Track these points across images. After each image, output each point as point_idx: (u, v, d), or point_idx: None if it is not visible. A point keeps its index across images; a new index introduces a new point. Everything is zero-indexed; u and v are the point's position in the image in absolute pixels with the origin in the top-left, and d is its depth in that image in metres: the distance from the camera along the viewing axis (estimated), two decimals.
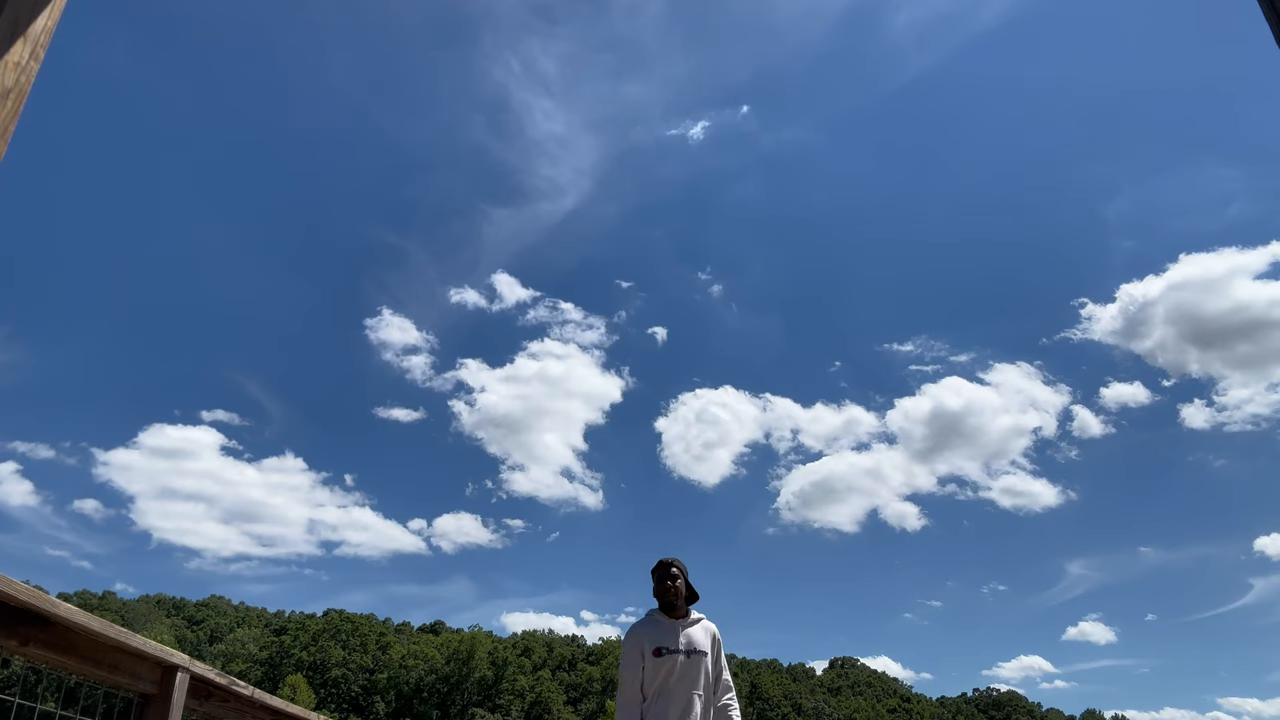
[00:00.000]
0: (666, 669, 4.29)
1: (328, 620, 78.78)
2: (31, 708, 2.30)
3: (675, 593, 4.49)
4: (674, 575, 4.53)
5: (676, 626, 4.44)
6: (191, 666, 2.70)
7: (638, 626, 4.50)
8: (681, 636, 4.41)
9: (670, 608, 4.48)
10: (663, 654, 4.34)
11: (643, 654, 4.38)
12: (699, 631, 4.48)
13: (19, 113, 1.27)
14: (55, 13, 1.34)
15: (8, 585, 1.86)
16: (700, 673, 4.35)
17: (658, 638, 4.40)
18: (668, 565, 4.57)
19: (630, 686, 4.35)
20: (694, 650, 4.36)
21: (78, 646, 2.19)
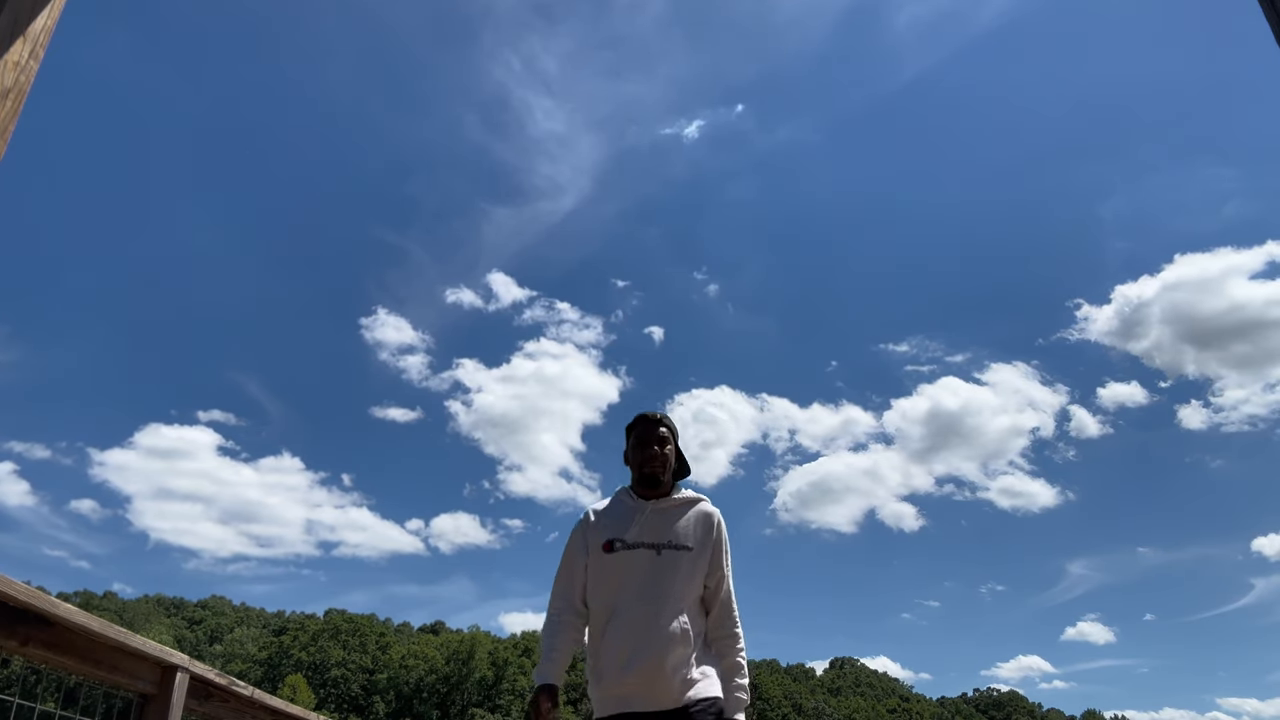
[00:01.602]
0: (621, 572, 2.73)
1: (327, 620, 78.75)
2: (31, 708, 2.30)
3: (660, 462, 2.88)
4: (661, 437, 2.93)
5: (646, 509, 2.83)
6: (191, 667, 2.70)
7: (594, 508, 2.94)
8: (653, 523, 2.81)
9: (649, 483, 2.87)
10: (616, 548, 2.76)
11: (587, 547, 2.84)
12: (686, 517, 2.85)
13: (19, 112, 1.27)
14: (55, 12, 1.34)
15: (7, 585, 1.85)
16: (680, 581, 2.72)
17: (614, 524, 2.82)
18: (653, 422, 2.96)
19: (556, 600, 2.84)
20: (672, 544, 2.77)
21: (77, 646, 2.19)
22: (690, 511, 2.87)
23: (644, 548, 2.76)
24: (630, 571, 2.73)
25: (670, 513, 2.85)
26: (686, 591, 2.74)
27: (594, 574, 2.80)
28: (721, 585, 2.84)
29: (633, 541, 2.76)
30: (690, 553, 2.78)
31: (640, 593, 2.70)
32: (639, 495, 2.89)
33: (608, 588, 2.75)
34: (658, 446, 2.90)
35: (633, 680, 2.63)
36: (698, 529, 2.84)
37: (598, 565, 2.78)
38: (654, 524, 2.81)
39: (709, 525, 2.87)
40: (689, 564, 2.76)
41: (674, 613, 2.68)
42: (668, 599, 2.69)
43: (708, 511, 2.90)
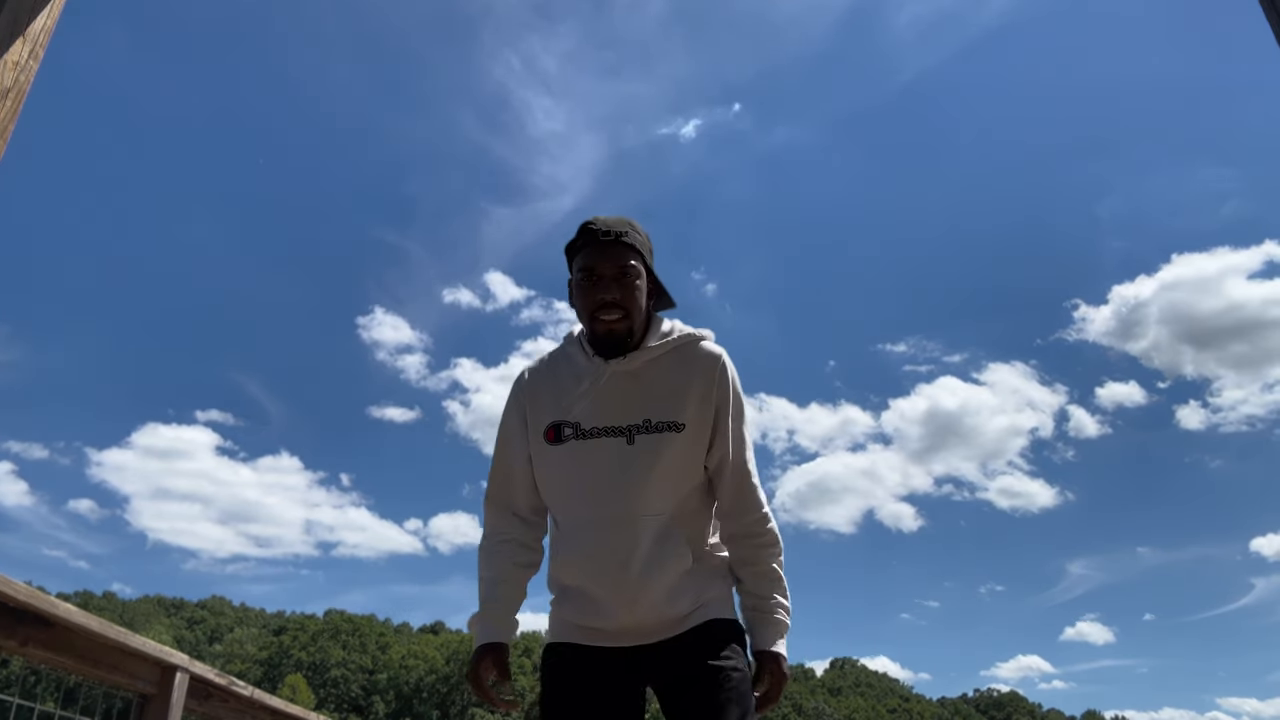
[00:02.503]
0: (574, 472, 1.85)
1: (327, 620, 78.71)
2: (31, 708, 2.30)
3: (620, 308, 1.83)
4: (620, 267, 1.84)
5: (605, 373, 1.86)
6: (191, 667, 2.69)
7: (531, 368, 2.01)
8: (618, 393, 1.86)
9: (609, 344, 1.85)
10: (565, 437, 1.86)
11: (526, 429, 1.93)
12: (671, 375, 1.87)
13: (18, 112, 1.27)
14: (54, 12, 1.34)
15: (7, 585, 1.85)
16: (667, 477, 1.82)
17: (560, 396, 1.90)
18: (605, 242, 1.85)
19: (491, 511, 1.99)
20: (651, 423, 1.83)
21: (77, 646, 2.19)
22: (677, 364, 1.84)
23: (607, 434, 1.81)
24: (588, 471, 1.81)
25: (645, 373, 1.83)
26: (678, 488, 1.82)
27: (539, 472, 1.90)
28: (729, 462, 1.86)
29: (588, 426, 1.82)
30: (681, 433, 1.79)
31: (606, 500, 1.79)
32: (597, 351, 1.86)
33: (558, 493, 1.88)
34: (615, 283, 1.79)
35: (604, 621, 1.83)
36: (691, 390, 1.82)
37: (542, 460, 1.87)
38: (620, 394, 1.82)
39: (708, 379, 1.83)
40: (681, 449, 1.80)
41: (660, 525, 1.79)
42: (648, 506, 1.79)
43: (706, 356, 1.85)
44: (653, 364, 1.88)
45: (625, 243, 1.86)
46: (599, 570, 1.83)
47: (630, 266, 1.85)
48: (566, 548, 1.89)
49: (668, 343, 1.88)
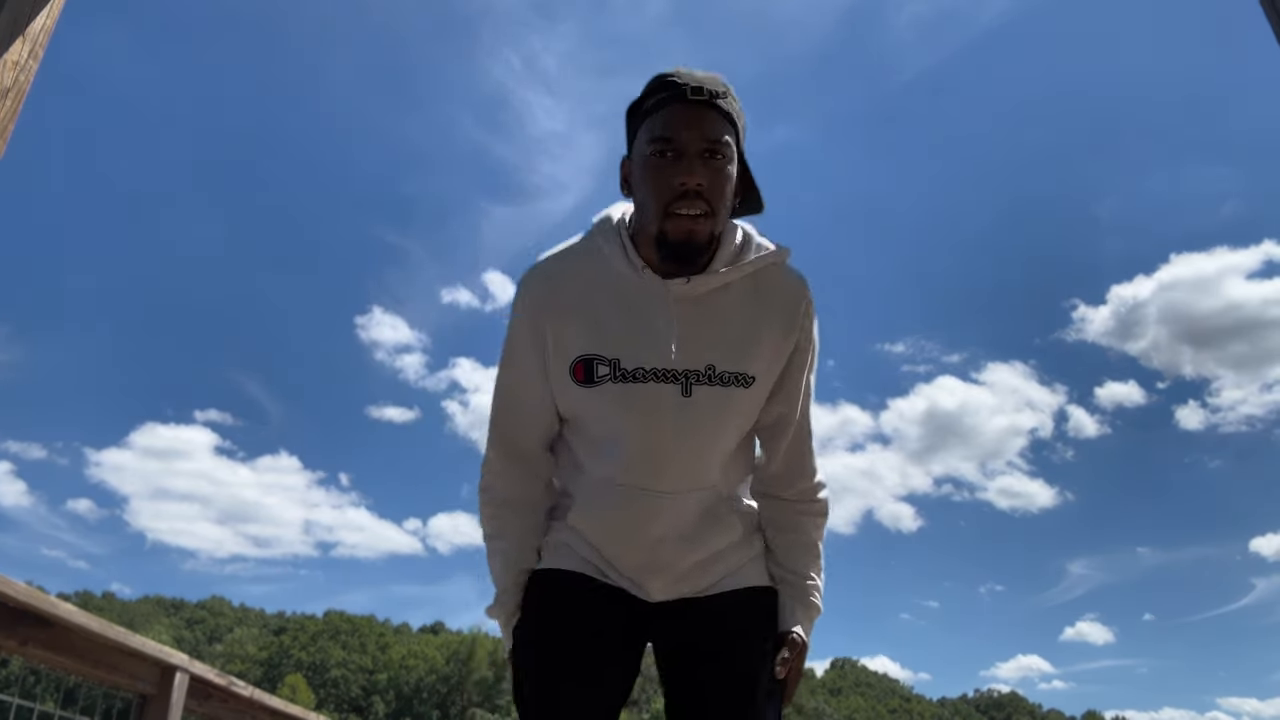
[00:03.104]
0: (613, 421, 1.41)
1: (327, 621, 78.72)
2: (31, 708, 2.30)
3: (706, 203, 1.30)
4: (711, 142, 1.30)
5: (669, 295, 1.37)
6: (190, 667, 2.69)
7: (551, 270, 1.44)
8: (684, 324, 1.37)
9: (684, 254, 1.32)
10: (601, 378, 1.38)
11: (545, 355, 1.44)
12: (749, 310, 1.41)
13: (18, 112, 1.27)
14: (54, 12, 1.34)
15: (6, 585, 1.85)
16: (729, 438, 1.45)
17: (598, 319, 1.39)
18: (696, 102, 1.31)
19: (499, 470, 1.55)
20: (716, 372, 1.38)
21: (76, 646, 2.19)
22: (754, 295, 1.40)
23: (657, 378, 1.36)
24: (628, 425, 1.39)
25: (713, 303, 1.38)
26: (735, 453, 1.48)
27: (573, 406, 1.45)
28: (790, 420, 1.49)
29: (633, 366, 1.36)
30: (749, 388, 1.40)
31: (648, 467, 1.40)
32: (648, 261, 1.37)
33: (583, 444, 1.49)
34: (703, 164, 1.29)
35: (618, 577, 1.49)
36: (768, 332, 1.40)
37: (568, 400, 1.44)
38: (681, 327, 1.36)
39: (789, 319, 1.42)
40: (747, 409, 1.43)
41: (710, 500, 1.46)
42: (700, 477, 1.44)
43: (790, 288, 1.43)
44: (724, 292, 1.39)
45: (722, 108, 1.32)
46: (625, 546, 1.46)
47: (724, 144, 1.31)
48: (587, 506, 1.48)
49: (745, 264, 1.37)
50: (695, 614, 1.48)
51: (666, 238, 1.31)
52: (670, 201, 1.30)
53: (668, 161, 1.31)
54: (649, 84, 1.39)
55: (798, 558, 1.55)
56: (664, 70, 1.38)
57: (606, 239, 1.42)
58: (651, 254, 1.38)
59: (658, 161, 1.32)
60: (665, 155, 1.31)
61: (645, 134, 1.36)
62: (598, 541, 1.49)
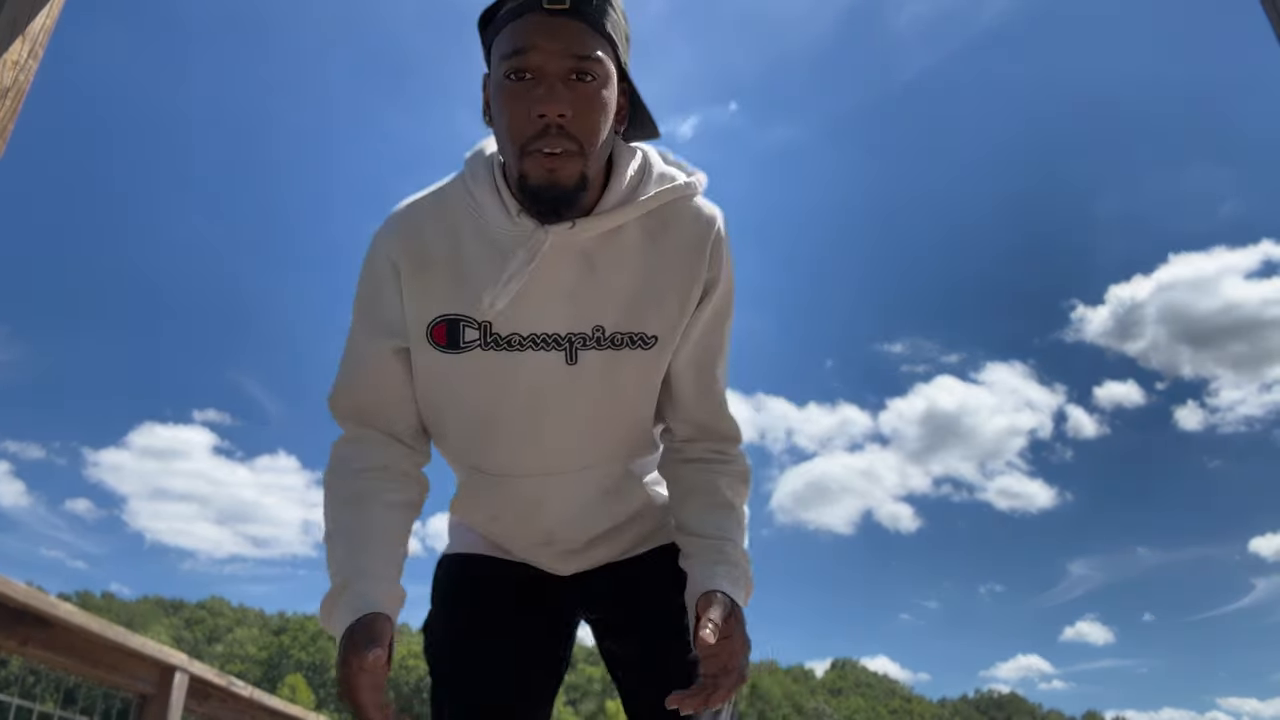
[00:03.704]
0: (481, 396, 1.18)
1: None
2: (30, 708, 2.30)
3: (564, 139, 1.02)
4: (576, 58, 1.02)
5: (546, 241, 1.09)
6: (190, 667, 2.70)
7: (410, 220, 1.19)
8: (563, 275, 1.13)
9: (550, 200, 1.05)
10: (463, 343, 1.15)
11: (400, 316, 1.19)
12: (641, 255, 1.15)
13: (18, 111, 1.27)
14: (54, 11, 1.34)
15: (6, 585, 1.86)
16: (619, 411, 1.21)
17: (460, 279, 1.15)
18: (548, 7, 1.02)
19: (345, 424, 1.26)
20: (603, 335, 1.15)
21: (76, 647, 2.20)
22: (653, 236, 1.18)
23: (536, 345, 1.16)
24: (503, 399, 1.19)
25: (603, 250, 1.15)
26: (638, 424, 1.26)
27: (419, 386, 1.24)
28: (697, 369, 1.26)
29: (506, 331, 1.16)
30: (650, 349, 1.19)
31: (528, 449, 1.22)
32: (527, 208, 1.12)
33: (449, 424, 1.26)
34: (566, 89, 1.03)
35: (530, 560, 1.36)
36: (671, 279, 1.18)
37: (427, 371, 1.21)
38: (563, 282, 1.15)
39: (695, 260, 1.18)
40: (647, 372, 1.21)
41: (612, 478, 1.28)
42: (595, 454, 1.25)
43: (696, 223, 1.19)
44: (615, 236, 1.15)
45: (588, 17, 1.04)
46: (523, 540, 1.31)
47: (594, 61, 1.04)
48: (473, 502, 1.30)
49: (640, 203, 1.14)
50: (623, 578, 1.32)
51: (527, 181, 1.05)
52: (528, 138, 1.03)
53: (525, 87, 1.03)
54: None
55: (710, 520, 1.23)
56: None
57: (477, 180, 1.15)
58: (526, 200, 1.10)
59: (513, 87, 1.03)
60: (522, 78, 1.03)
61: (497, 51, 1.07)
62: (486, 532, 1.35)
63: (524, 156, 1.04)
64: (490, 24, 1.11)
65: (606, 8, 1.07)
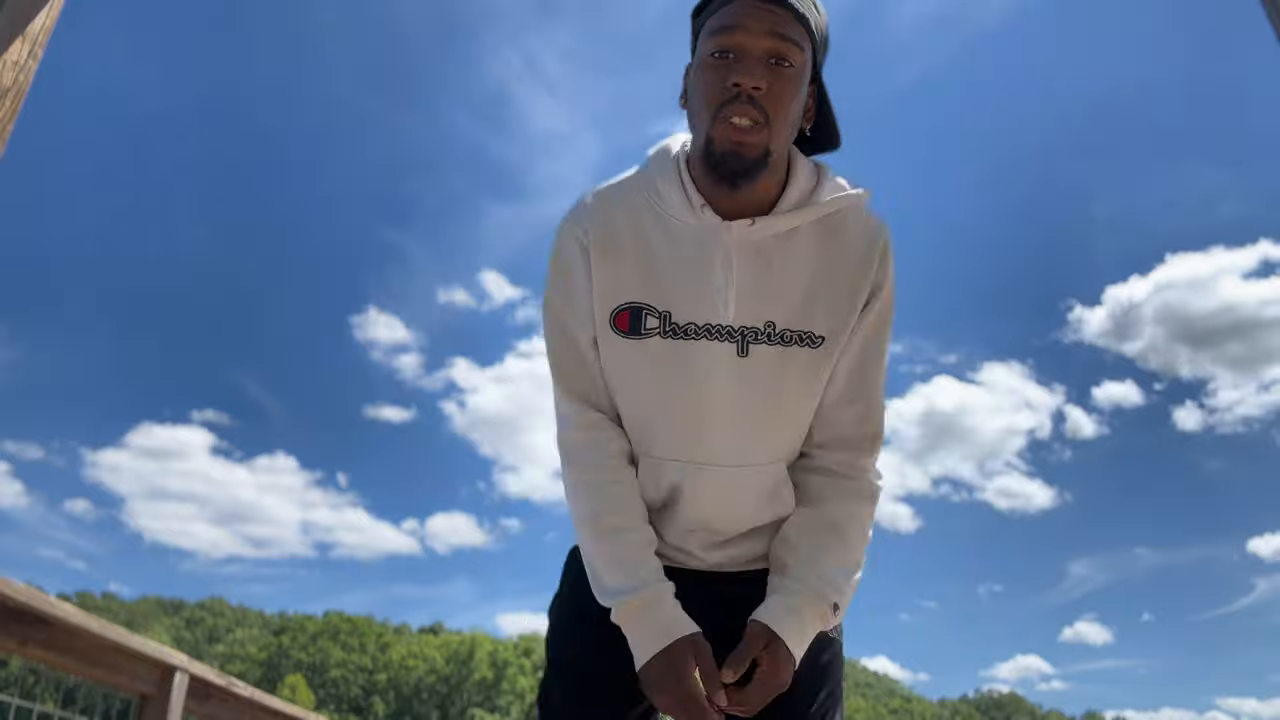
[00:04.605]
0: (657, 381, 1.23)
1: (326, 621, 78.72)
2: (30, 708, 2.30)
3: (753, 110, 1.11)
4: (778, 41, 1.12)
5: (728, 238, 1.20)
6: (190, 667, 2.69)
7: (601, 207, 1.27)
8: (742, 272, 1.20)
9: (734, 170, 1.13)
10: (649, 330, 1.22)
11: (589, 299, 1.25)
12: (814, 258, 1.23)
13: (18, 112, 1.27)
14: (54, 12, 1.34)
15: (6, 585, 1.86)
16: (785, 407, 1.25)
17: (647, 265, 1.24)
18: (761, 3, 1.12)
19: (573, 404, 1.29)
20: (776, 329, 1.22)
21: (76, 647, 2.20)
22: (826, 241, 1.24)
23: (710, 335, 1.22)
24: (676, 387, 1.24)
25: (779, 249, 1.23)
26: (801, 423, 1.29)
27: (614, 367, 1.27)
28: (853, 381, 1.29)
29: (684, 321, 1.22)
30: (818, 349, 1.23)
31: (698, 436, 1.25)
32: (710, 198, 1.21)
33: (624, 407, 1.29)
34: (764, 69, 1.13)
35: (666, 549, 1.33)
36: (841, 284, 1.24)
37: (608, 354, 1.27)
38: (747, 276, 1.21)
39: (864, 268, 1.25)
40: (814, 372, 1.25)
41: (772, 478, 1.28)
42: (759, 451, 1.27)
43: (868, 234, 1.26)
44: (789, 237, 1.22)
45: (793, 8, 1.13)
46: (676, 526, 1.30)
47: (793, 47, 1.14)
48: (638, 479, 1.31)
49: (816, 208, 1.21)
50: (751, 590, 1.26)
51: (713, 146, 1.14)
52: (722, 104, 1.13)
53: (726, 63, 1.14)
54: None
55: (809, 536, 1.24)
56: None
57: (663, 173, 1.24)
58: (711, 188, 1.19)
59: (715, 62, 1.14)
60: (725, 57, 1.14)
61: (706, 33, 1.18)
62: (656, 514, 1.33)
63: (715, 122, 1.14)
64: (702, 12, 1.22)
65: (811, 6, 1.18)
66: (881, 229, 1.27)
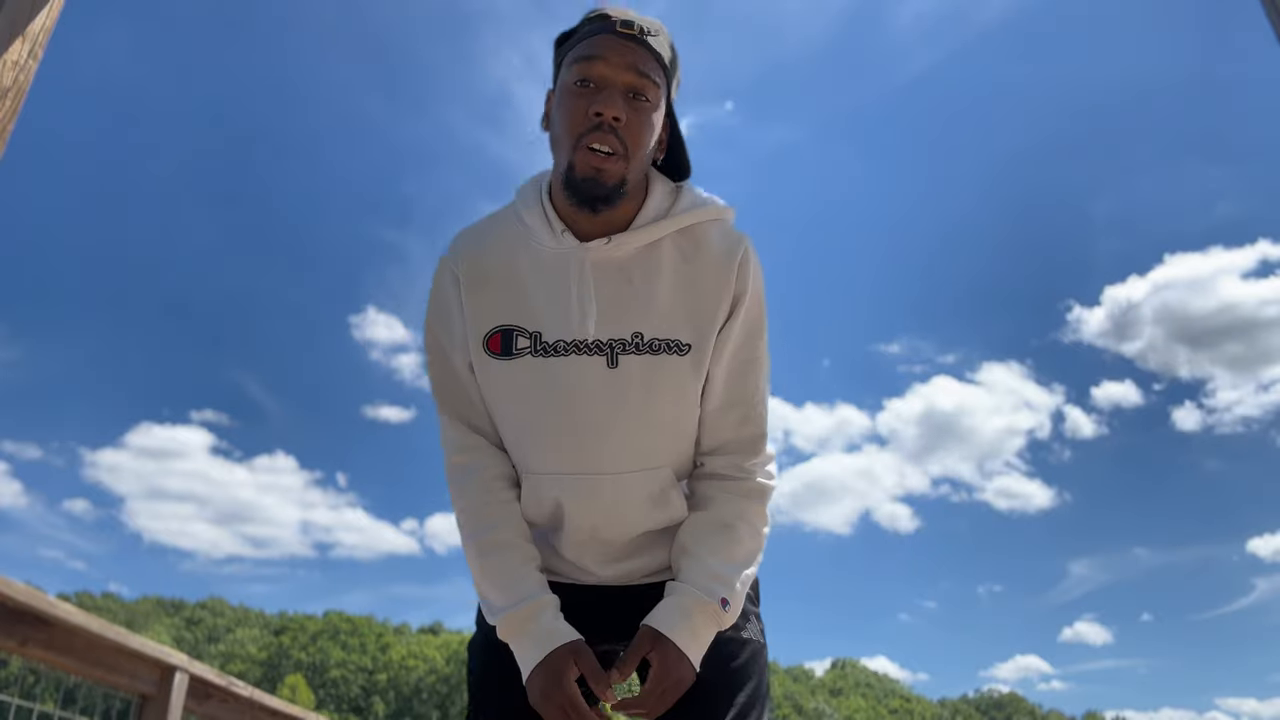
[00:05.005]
0: (530, 398, 1.30)
1: (327, 621, 78.73)
2: (30, 708, 2.30)
3: (611, 139, 1.20)
4: (635, 75, 1.22)
5: (585, 260, 1.28)
6: (190, 667, 2.70)
7: (469, 242, 1.37)
8: (602, 289, 1.28)
9: (591, 195, 1.22)
10: (519, 350, 1.30)
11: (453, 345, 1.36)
12: (678, 273, 1.30)
13: (18, 112, 1.27)
14: (54, 12, 1.34)
15: (6, 585, 1.86)
16: (658, 413, 1.29)
17: (514, 290, 1.32)
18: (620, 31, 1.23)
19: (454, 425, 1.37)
20: (642, 341, 1.27)
21: (76, 647, 2.20)
22: (684, 253, 1.31)
23: (579, 350, 1.27)
24: (551, 402, 1.29)
25: (638, 265, 1.29)
26: (680, 430, 1.32)
27: (491, 389, 1.34)
28: (728, 388, 1.33)
29: (553, 339, 1.28)
30: (685, 355, 1.28)
31: (577, 447, 1.30)
32: (569, 223, 1.29)
33: (506, 428, 1.36)
34: (624, 100, 1.21)
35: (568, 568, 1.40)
36: (702, 292, 1.29)
37: (485, 378, 1.33)
38: (602, 293, 1.28)
39: (723, 276, 1.30)
40: (685, 377, 1.29)
41: (657, 484, 1.31)
42: (638, 457, 1.30)
43: (724, 243, 1.31)
44: (649, 252, 1.29)
45: (650, 47, 1.24)
46: (570, 538, 1.34)
47: (649, 82, 1.23)
48: (528, 500, 1.35)
49: (672, 220, 1.29)
50: (632, 607, 1.30)
51: (574, 172, 1.22)
52: (583, 132, 1.21)
53: (588, 91, 1.23)
54: (585, 16, 1.31)
55: (699, 538, 1.29)
56: (601, 5, 1.29)
57: (527, 204, 1.35)
58: (572, 213, 1.28)
59: (578, 90, 1.23)
60: (588, 85, 1.23)
61: (570, 61, 1.27)
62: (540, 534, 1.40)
63: (576, 149, 1.22)
64: (566, 42, 1.32)
65: (667, 46, 1.29)
66: (741, 240, 1.34)
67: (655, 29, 1.27)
